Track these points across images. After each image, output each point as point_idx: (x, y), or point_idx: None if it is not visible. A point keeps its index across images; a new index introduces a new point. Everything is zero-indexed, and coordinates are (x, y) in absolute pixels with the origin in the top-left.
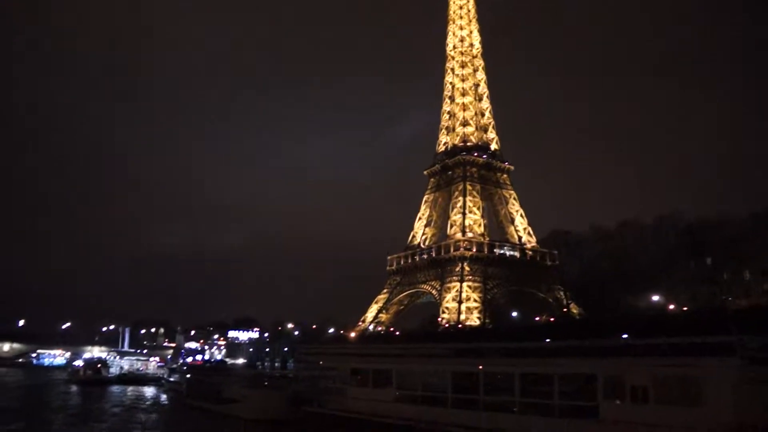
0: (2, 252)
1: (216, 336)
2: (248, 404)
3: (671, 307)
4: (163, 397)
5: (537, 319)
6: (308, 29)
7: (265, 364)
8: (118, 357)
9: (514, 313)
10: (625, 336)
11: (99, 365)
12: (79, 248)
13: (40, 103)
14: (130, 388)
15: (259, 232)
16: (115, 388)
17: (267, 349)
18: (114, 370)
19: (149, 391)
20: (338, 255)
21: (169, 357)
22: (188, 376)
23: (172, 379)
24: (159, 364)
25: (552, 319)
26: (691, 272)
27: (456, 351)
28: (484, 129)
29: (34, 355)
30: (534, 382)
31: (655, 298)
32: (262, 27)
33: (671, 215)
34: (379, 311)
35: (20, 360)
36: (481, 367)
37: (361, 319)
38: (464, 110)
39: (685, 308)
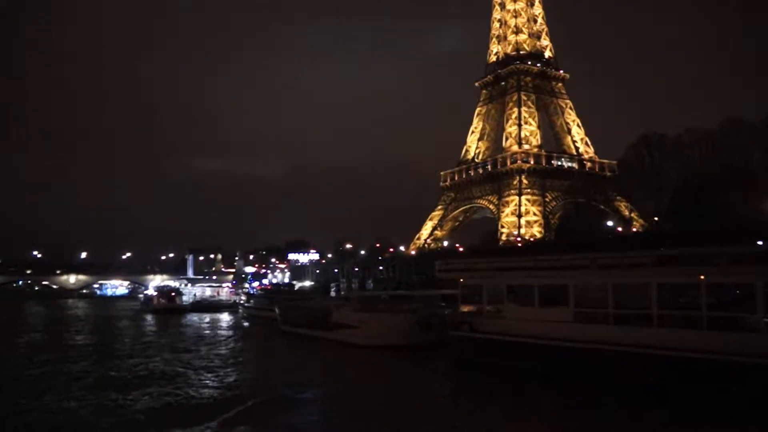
0: (57, 188)
1: (273, 259)
2: (369, 330)
3: None
4: (246, 324)
5: (619, 230)
6: None
7: (341, 285)
8: (189, 284)
9: (610, 223)
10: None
11: (173, 293)
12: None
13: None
14: (207, 316)
15: (302, 159)
16: (194, 317)
17: (335, 270)
18: (187, 298)
19: (226, 318)
20: (385, 176)
21: (234, 282)
22: (282, 301)
23: (249, 305)
24: (231, 290)
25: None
26: None
27: (660, 258)
28: (537, 36)
29: (96, 285)
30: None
31: None
32: None
33: None
34: (434, 228)
35: (84, 291)
36: (703, 277)
37: (417, 236)
38: (516, 17)
39: None
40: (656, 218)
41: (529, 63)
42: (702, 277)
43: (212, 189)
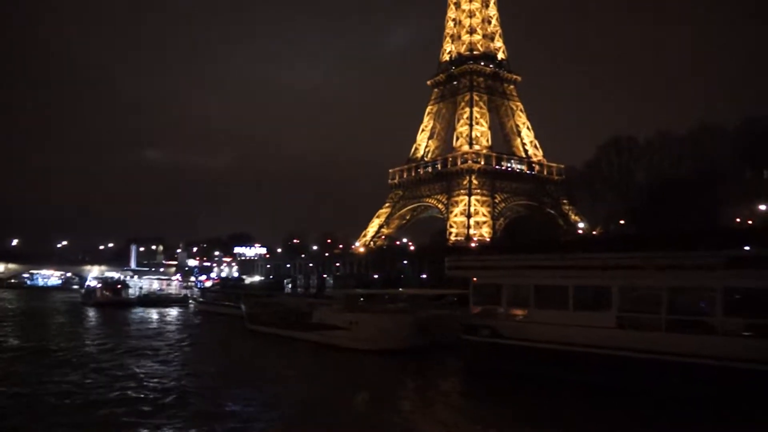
0: None
1: (217, 252)
2: (360, 331)
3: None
4: (200, 320)
5: (580, 231)
6: None
7: (298, 281)
8: (136, 276)
9: (581, 224)
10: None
11: (119, 286)
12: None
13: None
14: (156, 311)
15: (250, 154)
16: (142, 312)
17: (287, 265)
18: (133, 291)
19: (177, 313)
20: (337, 171)
21: (181, 275)
22: (248, 297)
23: (202, 300)
24: (180, 283)
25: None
26: None
27: (730, 260)
28: (491, 37)
29: (26, 275)
30: None
31: (762, 207)
32: None
33: (758, 118)
34: (381, 226)
35: (12, 281)
36: None
37: (363, 233)
38: (471, 17)
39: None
40: (622, 221)
41: (482, 64)
42: None
43: (153, 179)
